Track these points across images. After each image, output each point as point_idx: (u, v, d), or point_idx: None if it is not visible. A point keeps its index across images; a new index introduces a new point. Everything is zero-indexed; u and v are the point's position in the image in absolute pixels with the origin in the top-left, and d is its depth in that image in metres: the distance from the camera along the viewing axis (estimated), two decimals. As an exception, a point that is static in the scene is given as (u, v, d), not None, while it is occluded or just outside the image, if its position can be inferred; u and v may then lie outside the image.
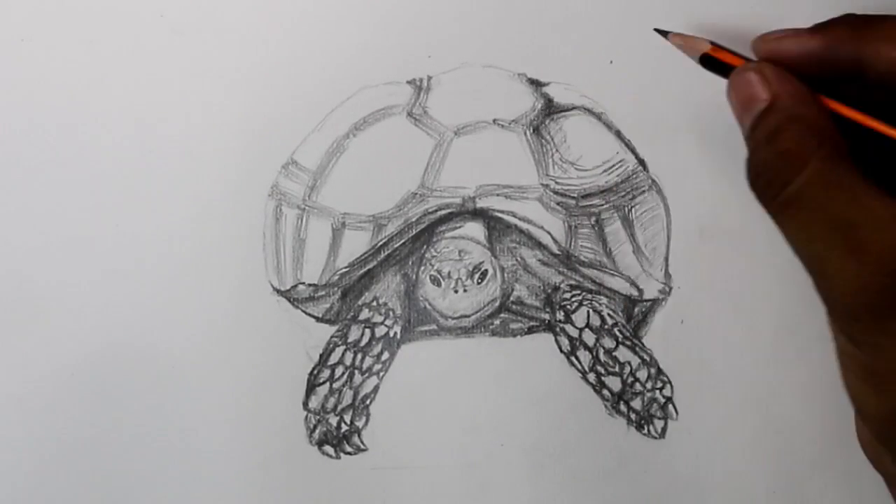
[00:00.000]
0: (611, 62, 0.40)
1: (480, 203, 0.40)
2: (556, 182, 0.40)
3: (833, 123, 0.32)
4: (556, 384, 0.40)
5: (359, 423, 0.40)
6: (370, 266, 0.40)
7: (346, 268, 0.40)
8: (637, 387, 0.40)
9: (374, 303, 0.40)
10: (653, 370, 0.40)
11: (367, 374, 0.40)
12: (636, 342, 0.40)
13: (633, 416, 0.40)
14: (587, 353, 0.40)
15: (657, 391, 0.40)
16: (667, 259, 0.40)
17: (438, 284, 0.40)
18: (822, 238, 0.31)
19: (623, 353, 0.40)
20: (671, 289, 0.40)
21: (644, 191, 0.40)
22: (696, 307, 0.40)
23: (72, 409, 0.40)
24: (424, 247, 0.40)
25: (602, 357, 0.40)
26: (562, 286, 0.40)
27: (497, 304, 0.40)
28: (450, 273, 0.40)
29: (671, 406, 0.40)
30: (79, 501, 0.40)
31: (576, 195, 0.40)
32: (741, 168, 0.33)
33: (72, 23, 0.41)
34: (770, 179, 0.32)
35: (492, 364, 0.40)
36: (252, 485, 0.40)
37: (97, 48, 0.41)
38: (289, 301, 0.40)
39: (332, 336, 0.40)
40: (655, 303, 0.40)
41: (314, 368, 0.40)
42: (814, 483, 0.40)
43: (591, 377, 0.40)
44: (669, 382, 0.40)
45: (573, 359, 0.40)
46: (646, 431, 0.40)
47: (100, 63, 0.40)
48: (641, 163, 0.40)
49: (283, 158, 0.40)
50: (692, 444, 0.40)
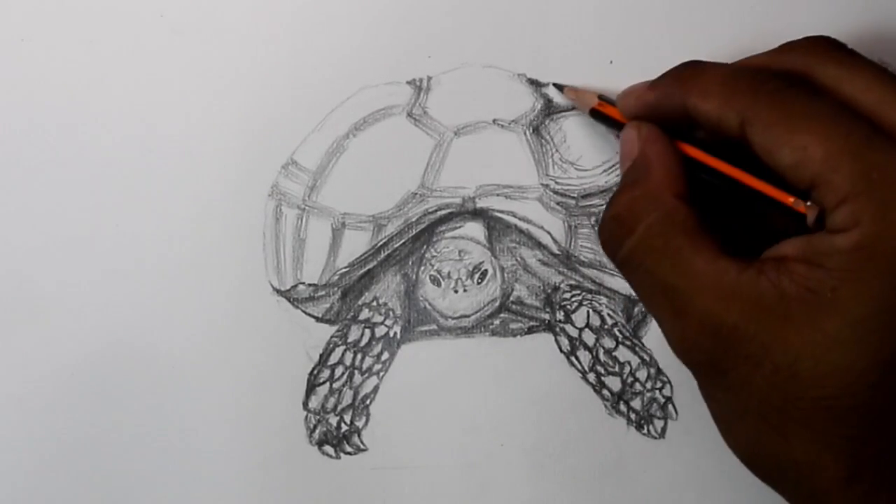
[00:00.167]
0: (611, 62, 0.40)
1: (480, 203, 0.40)
2: (556, 182, 0.40)
3: (680, 186, 0.33)
4: (556, 384, 0.40)
5: (359, 423, 0.40)
6: (370, 266, 0.40)
7: (346, 268, 0.40)
8: (637, 387, 0.40)
9: (374, 303, 0.40)
10: (653, 370, 0.40)
11: (367, 374, 0.40)
12: (636, 342, 0.40)
13: (633, 416, 0.40)
14: (587, 353, 0.40)
15: (657, 391, 0.40)
16: (667, 259, 0.40)
17: (438, 284, 0.40)
18: (653, 299, 0.33)
19: (623, 353, 0.40)
20: (671, 289, 0.40)
21: (644, 191, 0.40)
22: (696, 307, 0.40)
23: (72, 409, 0.40)
24: (424, 247, 0.40)
25: (602, 357, 0.40)
26: (562, 286, 0.40)
27: (497, 304, 0.40)
28: (450, 273, 0.40)
29: (671, 406, 0.40)
30: (79, 501, 0.40)
31: (576, 195, 0.40)
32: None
33: (72, 23, 0.40)
34: (606, 240, 0.34)
35: (492, 364, 0.40)
36: (252, 485, 0.40)
37: (97, 48, 0.41)
38: (289, 301, 0.40)
39: (332, 336, 0.40)
40: (655, 303, 0.40)
41: (314, 368, 0.40)
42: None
43: (591, 377, 0.40)
44: (669, 382, 0.40)
45: (573, 359, 0.40)
46: (646, 431, 0.40)
47: (100, 63, 0.40)
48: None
49: (283, 158, 0.40)
50: (692, 444, 0.40)
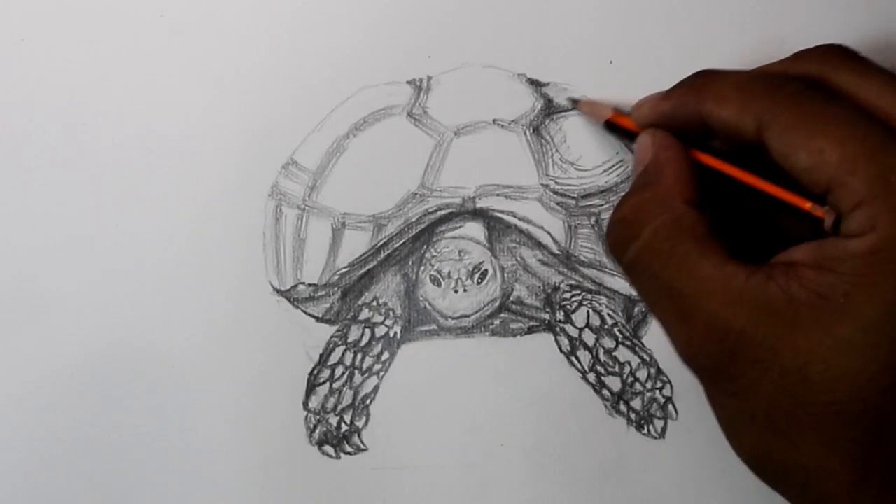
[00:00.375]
0: (611, 62, 0.40)
1: (480, 203, 0.40)
2: (556, 182, 0.40)
3: (690, 192, 0.33)
4: (556, 384, 0.40)
5: (359, 423, 0.40)
6: (370, 266, 0.40)
7: (346, 268, 0.40)
8: (637, 387, 0.40)
9: (374, 303, 0.40)
10: (653, 370, 0.40)
11: (367, 374, 0.40)
12: (636, 342, 0.40)
13: (633, 416, 0.40)
14: (587, 353, 0.40)
15: (657, 391, 0.40)
16: (667, 259, 0.40)
17: (438, 284, 0.40)
18: (659, 304, 0.33)
19: (623, 353, 0.40)
20: (671, 289, 0.40)
21: (644, 191, 0.40)
22: (696, 307, 0.40)
23: (72, 409, 0.40)
24: (424, 247, 0.40)
25: (602, 357, 0.40)
26: (562, 286, 0.40)
27: (497, 304, 0.40)
28: (450, 273, 0.40)
29: (671, 406, 0.40)
30: (79, 501, 0.40)
31: (576, 195, 0.40)
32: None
33: (72, 23, 0.40)
34: (613, 243, 0.34)
35: (492, 364, 0.40)
36: (252, 485, 0.40)
37: (97, 48, 0.41)
38: (289, 301, 0.40)
39: (332, 336, 0.40)
40: (655, 303, 0.40)
41: (314, 368, 0.40)
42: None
43: (591, 377, 0.40)
44: (669, 382, 0.40)
45: (573, 359, 0.40)
46: (646, 431, 0.40)
47: (100, 63, 0.40)
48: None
49: (283, 158, 0.40)
50: (692, 444, 0.40)
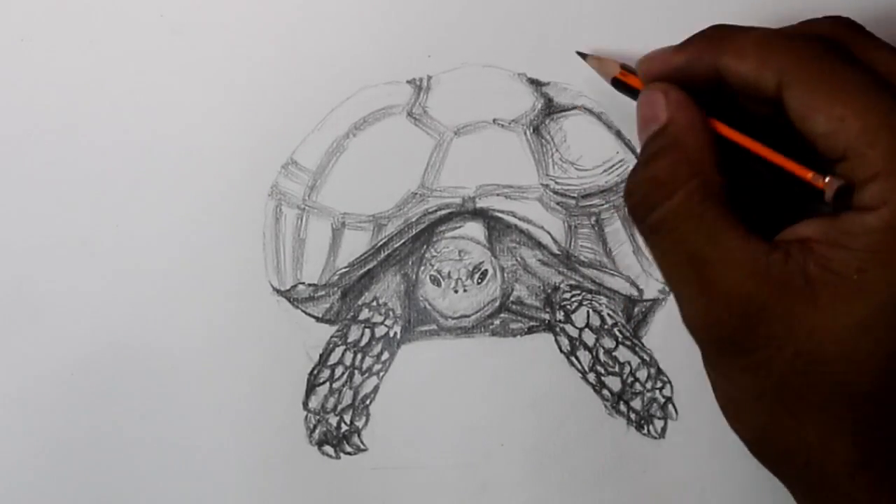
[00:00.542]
0: (611, 62, 0.40)
1: (480, 203, 0.40)
2: (556, 182, 0.40)
3: (713, 157, 0.32)
4: (556, 384, 0.40)
5: (359, 423, 0.40)
6: (370, 266, 0.40)
7: (346, 268, 0.40)
8: (637, 387, 0.40)
9: (374, 303, 0.40)
10: (653, 370, 0.40)
11: (367, 374, 0.40)
12: (636, 342, 0.40)
13: (633, 416, 0.40)
14: (587, 353, 0.40)
15: (657, 391, 0.40)
16: (667, 259, 0.40)
17: (438, 284, 0.40)
18: (679, 269, 0.32)
19: (623, 353, 0.40)
20: (671, 289, 0.40)
21: (644, 191, 0.40)
22: (696, 307, 0.40)
23: (72, 409, 0.40)
24: (424, 247, 0.40)
25: (602, 357, 0.40)
26: (562, 286, 0.40)
27: (497, 304, 0.40)
28: (450, 273, 0.40)
29: (671, 406, 0.40)
30: (79, 501, 0.40)
31: (576, 195, 0.40)
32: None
33: (72, 23, 0.41)
34: (639, 202, 0.33)
35: (492, 364, 0.40)
36: (252, 485, 0.40)
37: (97, 48, 0.41)
38: (289, 301, 0.40)
39: (332, 336, 0.40)
40: (655, 303, 0.40)
41: (314, 368, 0.40)
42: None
43: (591, 377, 0.40)
44: (669, 382, 0.40)
45: (573, 359, 0.40)
46: (646, 431, 0.40)
47: (100, 63, 0.40)
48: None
49: (283, 158, 0.40)
50: (692, 444, 0.40)
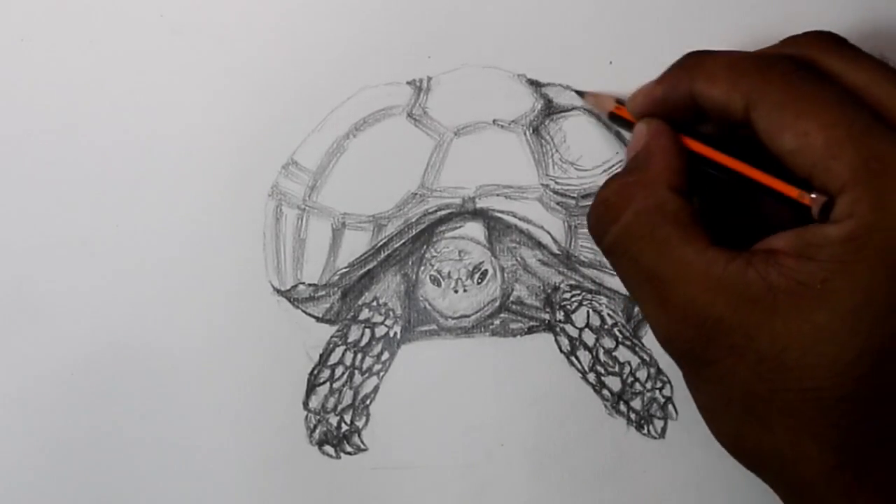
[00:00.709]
0: (611, 62, 0.40)
1: (480, 203, 0.40)
2: (556, 182, 0.40)
3: (676, 178, 0.32)
4: (556, 384, 0.40)
5: (359, 423, 0.40)
6: (370, 266, 0.40)
7: (346, 268, 0.40)
8: (637, 387, 0.40)
9: (374, 303, 0.40)
10: (653, 370, 0.40)
11: (367, 374, 0.40)
12: (636, 342, 0.40)
13: (633, 416, 0.40)
14: (587, 353, 0.40)
15: (657, 391, 0.40)
16: (667, 259, 0.40)
17: (438, 284, 0.40)
18: (638, 288, 0.32)
19: (623, 353, 0.40)
20: (671, 289, 0.40)
21: (644, 191, 0.40)
22: (696, 307, 0.40)
23: (72, 409, 0.40)
24: (424, 247, 0.40)
25: (602, 357, 0.40)
26: (562, 286, 0.40)
27: (497, 304, 0.40)
28: (450, 273, 0.40)
29: (671, 406, 0.40)
30: (79, 501, 0.40)
31: (576, 195, 0.40)
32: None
33: (72, 23, 0.41)
34: (593, 225, 0.34)
35: (492, 364, 0.40)
36: (252, 485, 0.40)
37: (97, 48, 0.41)
38: (289, 301, 0.40)
39: (332, 336, 0.40)
40: (655, 303, 0.40)
41: (314, 368, 0.40)
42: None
43: (591, 377, 0.40)
44: (669, 382, 0.40)
45: (573, 359, 0.40)
46: (646, 431, 0.40)
47: (100, 63, 0.40)
48: None
49: (283, 158, 0.40)
50: (692, 444, 0.40)
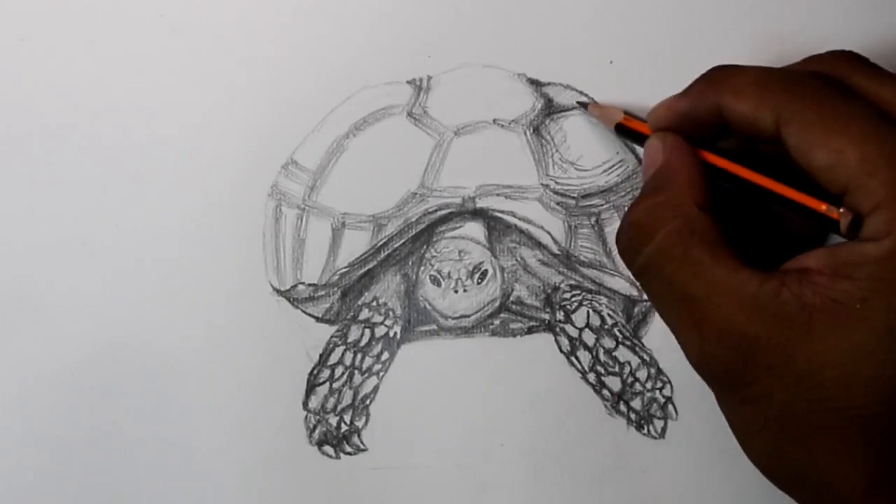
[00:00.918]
0: (611, 62, 0.40)
1: (480, 203, 0.40)
2: (556, 182, 0.40)
3: (701, 195, 0.32)
4: (556, 384, 0.40)
5: (359, 423, 0.40)
6: (370, 266, 0.40)
7: (346, 268, 0.40)
8: (637, 387, 0.40)
9: (374, 303, 0.40)
10: (653, 370, 0.40)
11: (367, 374, 0.40)
12: (636, 342, 0.40)
13: (633, 416, 0.40)
14: (587, 353, 0.40)
15: (657, 391, 0.40)
16: (667, 259, 0.40)
17: (438, 284, 0.40)
18: (671, 309, 0.32)
19: (623, 353, 0.40)
20: (671, 289, 0.40)
21: (644, 191, 0.40)
22: (696, 307, 0.40)
23: (72, 409, 0.40)
24: (424, 247, 0.40)
25: (602, 357, 0.40)
26: (562, 286, 0.40)
27: (497, 304, 0.40)
28: (450, 273, 0.40)
29: (671, 406, 0.40)
30: (79, 501, 0.40)
31: (576, 195, 0.40)
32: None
33: (72, 23, 0.41)
34: (625, 247, 0.34)
35: (492, 364, 0.40)
36: (252, 485, 0.40)
37: (97, 48, 0.41)
38: (289, 301, 0.40)
39: (332, 336, 0.40)
40: (655, 303, 0.40)
41: (314, 368, 0.40)
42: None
43: (591, 377, 0.40)
44: (669, 382, 0.40)
45: (573, 359, 0.40)
46: (646, 431, 0.40)
47: (100, 63, 0.40)
48: (641, 163, 0.40)
49: (283, 158, 0.40)
50: (692, 444, 0.40)
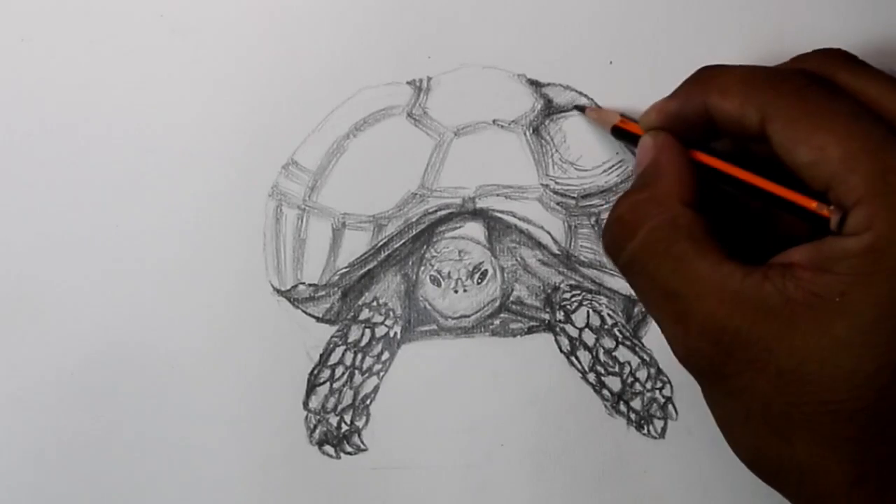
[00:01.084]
0: (611, 62, 0.40)
1: (480, 203, 0.40)
2: (556, 182, 0.40)
3: (687, 192, 0.32)
4: (556, 384, 0.40)
5: (359, 423, 0.40)
6: (370, 266, 0.40)
7: (347, 268, 0.40)
8: (637, 387, 0.40)
9: (375, 303, 0.40)
10: (653, 370, 0.40)
11: (368, 374, 0.40)
12: (636, 342, 0.40)
13: (633, 416, 0.40)
14: (587, 353, 0.40)
15: (657, 391, 0.40)
16: (667, 259, 0.40)
17: (438, 284, 0.40)
18: (655, 304, 0.32)
19: (623, 353, 0.40)
20: (671, 289, 0.40)
21: (644, 191, 0.40)
22: (696, 307, 0.40)
23: (72, 409, 0.40)
24: (424, 247, 0.40)
25: (602, 357, 0.40)
26: (562, 286, 0.40)
27: (497, 304, 0.40)
28: (450, 273, 0.40)
29: (671, 406, 0.40)
30: (79, 501, 0.40)
31: (576, 195, 0.40)
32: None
33: (72, 23, 0.40)
34: (609, 243, 0.34)
35: (492, 364, 0.40)
36: (252, 485, 0.40)
37: (97, 48, 0.41)
38: (289, 301, 0.40)
39: (333, 336, 0.40)
40: (655, 303, 0.40)
41: (314, 368, 0.40)
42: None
43: (591, 377, 0.40)
44: (669, 382, 0.40)
45: (573, 359, 0.40)
46: (646, 431, 0.40)
47: (100, 63, 0.40)
48: None
49: (283, 158, 0.40)
50: (692, 444, 0.40)
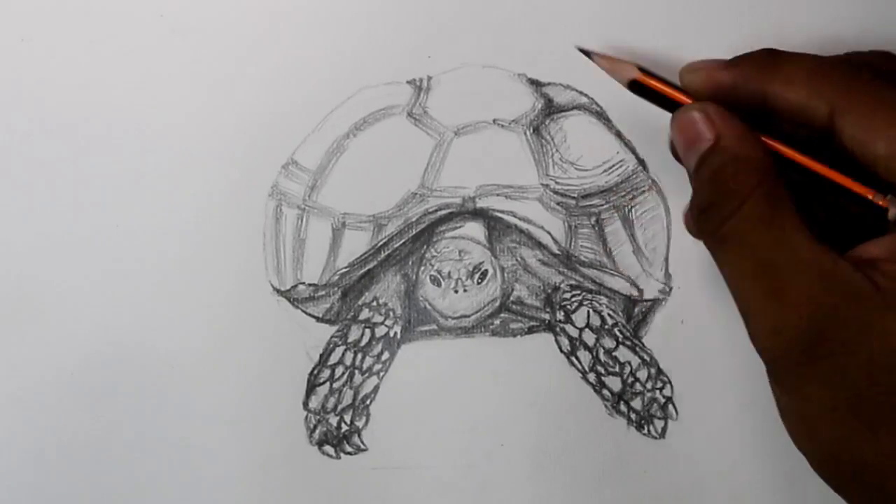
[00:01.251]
0: (611, 62, 0.40)
1: (480, 203, 0.40)
2: (556, 182, 0.40)
3: (772, 162, 0.33)
4: (556, 384, 0.40)
5: (359, 423, 0.40)
6: (370, 266, 0.40)
7: (347, 268, 0.40)
8: (637, 387, 0.40)
9: (375, 303, 0.40)
10: (653, 370, 0.40)
11: (368, 374, 0.40)
12: (636, 342, 0.40)
13: (633, 416, 0.40)
14: (587, 353, 0.40)
15: (657, 391, 0.40)
16: (667, 259, 0.40)
17: (438, 284, 0.40)
18: (749, 277, 0.32)
19: (623, 353, 0.40)
20: (671, 289, 0.40)
21: (644, 191, 0.40)
22: (696, 307, 0.40)
23: (72, 410, 0.40)
24: (424, 247, 0.40)
25: (602, 357, 0.40)
26: (562, 286, 0.40)
27: (497, 304, 0.40)
28: (450, 273, 0.40)
29: (671, 406, 0.40)
30: (79, 501, 0.40)
31: (576, 195, 0.40)
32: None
33: (72, 23, 0.40)
34: (710, 216, 0.33)
35: (492, 364, 0.40)
36: (252, 485, 0.40)
37: (97, 48, 0.41)
38: (289, 301, 0.40)
39: (333, 336, 0.40)
40: (655, 303, 0.40)
41: (314, 368, 0.40)
42: (814, 483, 0.40)
43: (591, 377, 0.40)
44: (669, 382, 0.40)
45: (573, 359, 0.40)
46: (646, 431, 0.40)
47: (100, 63, 0.40)
48: (641, 163, 0.40)
49: (283, 158, 0.40)
50: (692, 444, 0.40)
